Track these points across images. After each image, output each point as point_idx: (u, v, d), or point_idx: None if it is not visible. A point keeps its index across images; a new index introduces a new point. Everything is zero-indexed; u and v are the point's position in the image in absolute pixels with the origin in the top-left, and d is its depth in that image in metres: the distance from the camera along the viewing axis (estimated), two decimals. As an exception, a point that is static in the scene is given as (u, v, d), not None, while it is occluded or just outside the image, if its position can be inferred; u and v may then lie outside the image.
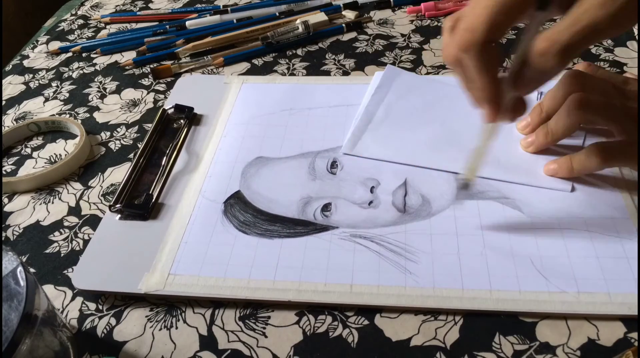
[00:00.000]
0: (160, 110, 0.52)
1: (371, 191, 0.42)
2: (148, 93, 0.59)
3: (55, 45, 0.70)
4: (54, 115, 0.57)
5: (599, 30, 0.28)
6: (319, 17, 0.67)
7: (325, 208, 0.41)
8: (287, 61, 0.61)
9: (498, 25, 0.31)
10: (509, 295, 0.34)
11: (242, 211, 0.41)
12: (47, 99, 0.60)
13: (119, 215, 0.42)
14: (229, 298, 0.36)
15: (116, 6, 0.80)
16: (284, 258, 0.37)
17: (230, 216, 0.41)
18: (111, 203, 0.43)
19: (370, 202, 0.41)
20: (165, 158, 0.47)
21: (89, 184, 0.47)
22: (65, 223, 0.44)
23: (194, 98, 0.54)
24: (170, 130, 0.51)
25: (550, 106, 0.42)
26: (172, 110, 0.52)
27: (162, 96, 0.57)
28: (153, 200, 0.43)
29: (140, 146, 0.49)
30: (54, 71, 0.65)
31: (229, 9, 0.71)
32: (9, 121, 0.57)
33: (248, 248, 0.38)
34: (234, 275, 0.37)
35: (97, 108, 0.57)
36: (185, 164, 0.47)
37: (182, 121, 0.51)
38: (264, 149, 0.47)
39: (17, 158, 0.52)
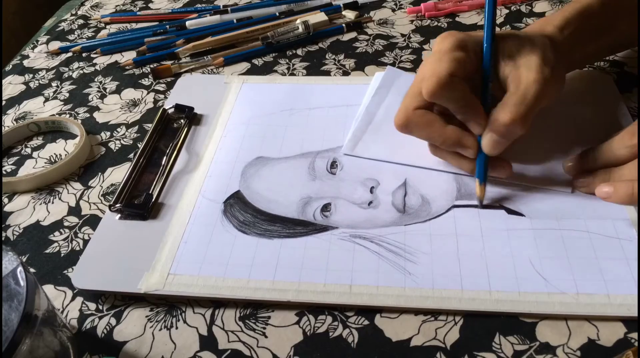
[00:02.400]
0: (161, 110, 0.52)
1: (371, 191, 0.42)
2: (148, 93, 0.59)
3: (56, 45, 0.70)
4: (54, 115, 0.57)
5: (540, 99, 0.36)
6: (319, 17, 0.67)
7: (325, 208, 0.41)
8: (287, 61, 0.61)
9: (454, 66, 0.36)
10: (508, 295, 0.34)
11: (241, 211, 0.41)
12: (47, 99, 0.60)
13: (119, 215, 0.42)
14: (229, 298, 0.36)
15: (116, 6, 0.80)
16: (283, 258, 0.37)
17: (230, 216, 0.41)
18: (111, 203, 0.43)
19: (370, 202, 0.41)
20: (165, 157, 0.47)
21: (89, 184, 0.47)
22: (65, 223, 0.44)
23: (194, 98, 0.54)
24: (171, 130, 0.51)
25: (606, 160, 0.39)
26: (172, 110, 0.52)
27: (162, 96, 0.57)
28: (153, 200, 0.43)
29: (141, 145, 0.49)
30: (54, 71, 0.65)
31: (229, 9, 0.71)
32: (9, 121, 0.57)
33: (248, 248, 0.38)
34: (234, 274, 0.37)
35: (97, 108, 0.57)
36: (185, 164, 0.47)
37: (182, 120, 0.51)
38: (264, 149, 0.47)
39: (17, 158, 0.52)
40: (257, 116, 0.51)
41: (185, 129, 0.50)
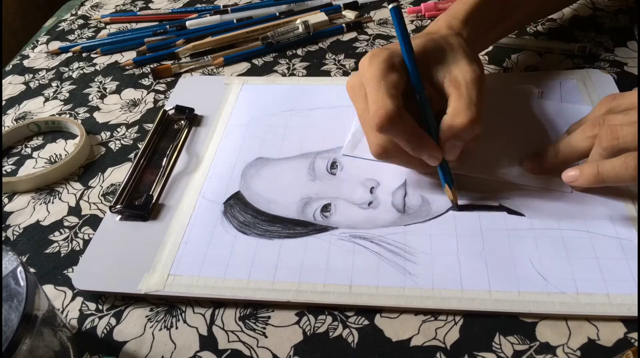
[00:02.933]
0: (161, 111, 0.52)
1: (371, 191, 0.42)
2: (148, 93, 0.59)
3: (56, 45, 0.70)
4: (54, 115, 0.57)
5: (484, 93, 0.38)
6: (319, 17, 0.67)
7: (325, 208, 0.41)
8: (287, 61, 0.61)
9: (396, 95, 0.36)
10: (508, 295, 0.34)
11: (242, 211, 0.41)
12: (47, 99, 0.60)
13: (119, 216, 0.42)
14: (229, 299, 0.36)
15: (116, 6, 0.80)
16: (283, 258, 0.37)
17: (230, 217, 0.41)
18: (111, 204, 0.43)
19: (370, 203, 0.41)
20: (165, 158, 0.47)
21: (89, 184, 0.47)
22: (65, 223, 0.44)
23: (195, 99, 0.53)
24: (171, 131, 0.51)
25: (568, 154, 0.40)
26: (173, 111, 0.52)
27: (162, 96, 0.57)
28: (153, 201, 0.43)
29: (141, 146, 0.49)
30: (54, 71, 0.65)
31: (229, 9, 0.71)
32: (9, 121, 0.57)
33: (248, 248, 0.38)
34: (234, 275, 0.37)
35: (97, 108, 0.57)
36: (185, 165, 0.47)
37: (182, 121, 0.51)
38: (264, 149, 0.47)
39: (17, 158, 0.52)
40: (257, 116, 0.51)
41: (186, 130, 0.50)
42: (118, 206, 0.42)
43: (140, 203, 0.43)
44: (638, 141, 0.36)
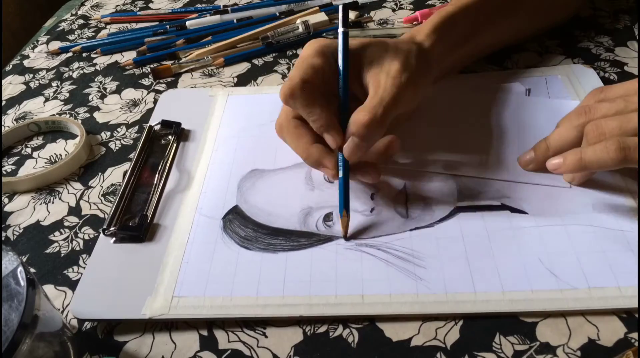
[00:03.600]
0: (147, 127, 0.51)
1: (372, 198, 0.41)
2: (148, 93, 0.59)
3: (56, 45, 0.70)
4: (54, 115, 0.57)
5: (398, 101, 0.38)
6: (319, 17, 0.67)
7: (327, 217, 0.40)
8: (287, 61, 0.61)
9: (308, 73, 0.39)
10: (521, 295, 0.33)
11: (242, 226, 0.41)
12: (47, 99, 0.60)
13: (114, 238, 0.41)
14: (239, 318, 0.35)
15: (116, 6, 0.80)
16: (290, 271, 0.37)
17: (231, 232, 0.40)
18: (104, 227, 0.41)
19: (372, 209, 0.41)
20: (157, 175, 0.45)
21: (89, 184, 0.47)
22: (66, 223, 0.44)
23: (179, 113, 0.52)
24: (159, 147, 0.49)
25: (558, 145, 0.40)
26: (159, 126, 0.51)
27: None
28: (148, 221, 0.41)
29: (130, 165, 0.47)
30: (54, 70, 0.65)
31: (229, 9, 0.71)
32: (9, 121, 0.57)
33: (252, 263, 0.37)
34: (241, 292, 0.36)
35: (97, 108, 0.57)
36: (177, 182, 0.45)
37: (170, 137, 0.49)
38: (258, 161, 0.46)
39: (17, 158, 0.52)
40: (247, 127, 0.50)
41: (174, 145, 0.49)
42: (112, 229, 0.41)
43: (134, 224, 0.41)
44: (638, 136, 0.36)
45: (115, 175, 0.48)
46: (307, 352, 0.33)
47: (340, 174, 0.39)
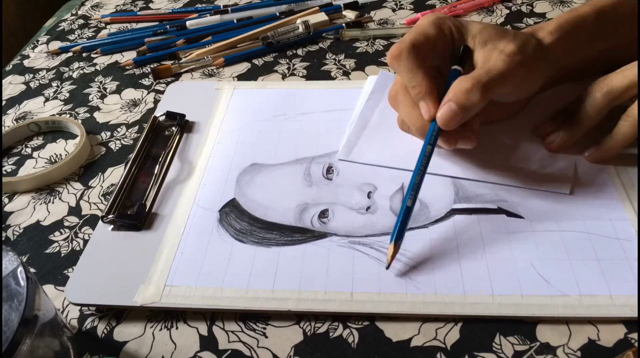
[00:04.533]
0: (152, 117, 0.51)
1: (368, 196, 0.41)
2: (148, 93, 0.59)
3: (56, 45, 0.70)
4: (54, 115, 0.57)
5: (505, 78, 0.38)
6: (319, 17, 0.67)
7: (323, 214, 0.40)
8: (287, 61, 0.61)
9: (419, 39, 0.39)
10: (511, 299, 0.33)
11: (238, 219, 0.41)
12: (47, 99, 0.60)
13: (112, 226, 0.41)
14: (227, 309, 0.35)
15: (116, 6, 0.80)
16: (282, 266, 0.37)
17: (226, 225, 0.40)
18: (104, 214, 0.42)
19: (368, 208, 0.41)
20: (157, 166, 0.46)
21: (89, 184, 0.47)
22: (66, 223, 0.44)
23: (185, 105, 0.53)
24: (162, 138, 0.50)
25: (577, 105, 0.41)
26: (163, 117, 0.51)
27: (162, 96, 0.57)
28: (147, 210, 0.42)
29: (132, 155, 0.48)
30: (54, 70, 0.65)
31: (229, 9, 0.71)
32: (9, 121, 0.57)
33: (245, 256, 0.38)
34: (232, 284, 0.36)
35: (98, 108, 0.57)
36: (178, 173, 0.46)
37: (173, 128, 0.50)
38: (258, 155, 0.46)
39: (18, 157, 0.52)
40: (250, 122, 0.50)
41: (178, 136, 0.49)
42: (110, 216, 0.41)
43: (133, 213, 0.42)
44: (638, 137, 0.36)
45: (116, 175, 0.48)
46: (307, 352, 0.33)
47: (409, 203, 0.36)
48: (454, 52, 0.41)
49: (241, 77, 0.59)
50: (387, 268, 0.36)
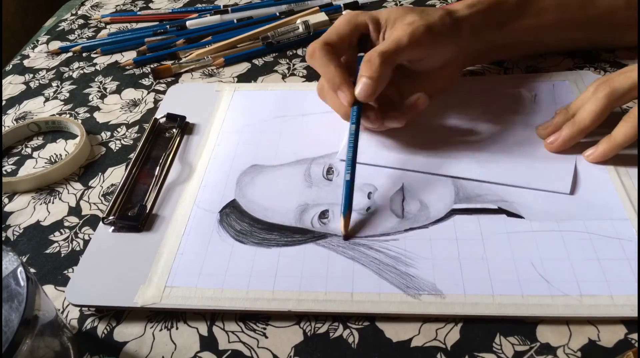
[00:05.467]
0: (152, 119, 0.51)
1: (368, 197, 0.41)
2: (148, 93, 0.59)
3: (56, 45, 0.70)
4: (54, 115, 0.57)
5: (403, 44, 0.41)
6: (320, 17, 0.67)
7: (323, 215, 0.40)
8: (287, 61, 0.61)
9: (332, 37, 0.43)
10: (511, 299, 0.33)
11: (238, 220, 0.41)
12: (47, 99, 0.60)
13: (112, 227, 0.41)
14: (228, 310, 0.35)
15: (116, 6, 0.80)
16: (282, 267, 0.37)
17: (227, 226, 0.40)
18: (104, 215, 0.42)
19: (368, 208, 0.41)
20: (158, 168, 0.46)
21: (90, 184, 0.47)
22: (66, 223, 0.44)
23: (186, 107, 0.53)
24: (163, 139, 0.50)
25: (579, 106, 0.42)
26: (164, 119, 0.51)
27: (162, 96, 0.57)
28: (147, 211, 0.42)
29: (133, 156, 0.48)
30: (54, 70, 0.65)
31: (229, 9, 0.71)
32: (9, 121, 0.57)
33: (246, 257, 0.38)
34: (232, 285, 0.36)
35: (98, 108, 0.57)
36: (178, 174, 0.46)
37: (174, 130, 0.50)
38: (259, 156, 0.46)
39: (18, 157, 0.52)
40: (250, 123, 0.50)
41: (178, 138, 0.49)
42: (111, 218, 0.41)
43: (133, 214, 0.42)
44: (638, 143, 0.36)
45: (116, 175, 0.48)
46: (307, 352, 0.33)
47: (347, 177, 0.40)
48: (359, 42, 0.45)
49: (241, 77, 0.59)
50: (345, 238, 0.38)
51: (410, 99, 0.43)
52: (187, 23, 0.70)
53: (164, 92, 0.58)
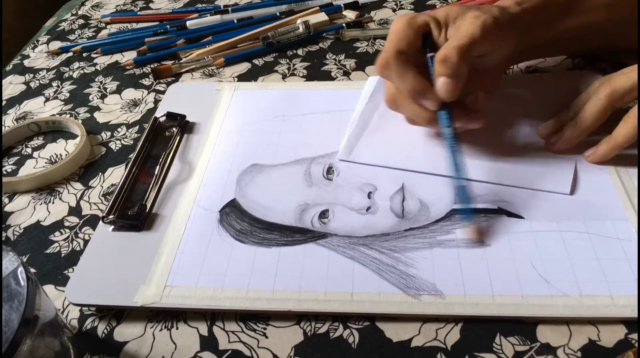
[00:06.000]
0: (152, 118, 0.51)
1: (368, 196, 0.41)
2: (149, 93, 0.59)
3: (56, 45, 0.70)
4: (54, 115, 0.57)
5: (474, 37, 0.39)
6: (320, 17, 0.67)
7: (323, 214, 0.40)
8: (287, 61, 0.61)
9: (402, 45, 0.40)
10: (511, 299, 0.33)
11: (238, 219, 0.41)
12: (47, 99, 0.60)
13: (112, 226, 0.41)
14: (228, 310, 0.35)
15: (117, 6, 0.80)
16: (282, 266, 0.37)
17: (227, 225, 0.40)
18: (104, 214, 0.42)
19: (368, 208, 0.41)
20: (158, 167, 0.46)
21: (90, 184, 0.47)
22: (66, 223, 0.44)
23: (186, 106, 0.53)
24: (162, 138, 0.50)
25: (580, 106, 0.42)
26: (164, 118, 0.51)
27: (162, 96, 0.57)
28: (147, 210, 0.42)
29: (133, 155, 0.48)
30: (55, 70, 0.65)
31: (229, 9, 0.71)
32: (9, 121, 0.57)
33: (246, 257, 0.38)
34: (232, 285, 0.36)
35: (98, 108, 0.57)
36: (178, 173, 0.46)
37: (174, 129, 0.50)
38: (259, 156, 0.46)
39: (18, 157, 0.52)
40: (250, 122, 0.50)
41: (178, 137, 0.49)
42: (111, 217, 0.41)
43: (133, 213, 0.42)
44: (638, 143, 0.36)
45: (116, 175, 0.48)
46: (307, 352, 0.33)
47: (460, 183, 0.39)
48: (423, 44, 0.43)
49: (241, 77, 0.59)
50: (478, 243, 0.37)
51: (471, 97, 0.41)
52: (188, 23, 0.70)
53: (164, 93, 0.58)
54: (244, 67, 0.61)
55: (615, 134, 0.40)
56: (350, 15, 0.69)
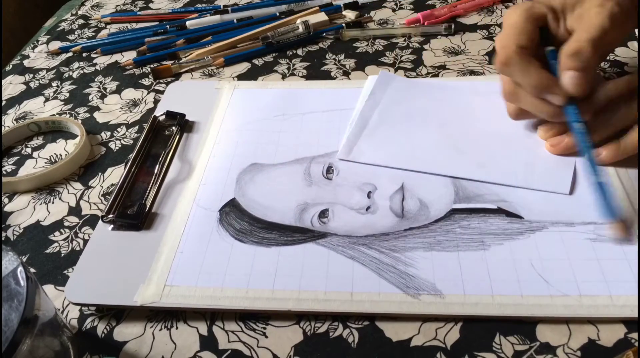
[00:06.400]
0: (152, 117, 0.51)
1: (368, 196, 0.41)
2: (148, 93, 0.59)
3: (56, 45, 0.70)
4: (54, 115, 0.57)
5: (604, 28, 0.37)
6: (320, 17, 0.67)
7: (323, 214, 0.40)
8: (287, 60, 0.61)
9: (523, 39, 0.39)
10: (510, 299, 0.33)
11: (237, 219, 0.41)
12: (47, 99, 0.60)
13: (112, 226, 0.41)
14: (227, 309, 0.35)
15: (116, 6, 0.80)
16: (282, 266, 0.37)
17: (226, 225, 0.40)
18: (104, 214, 0.42)
19: (368, 207, 0.41)
20: (158, 166, 0.46)
21: (89, 184, 0.47)
22: (66, 223, 0.44)
23: (185, 105, 0.53)
24: (162, 137, 0.49)
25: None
26: (164, 117, 0.51)
27: (162, 96, 0.57)
28: (146, 210, 0.42)
29: (132, 154, 0.47)
30: (54, 70, 0.65)
31: (229, 9, 0.71)
32: (9, 121, 0.57)
33: (245, 256, 0.38)
34: (232, 284, 0.36)
35: (98, 108, 0.57)
36: (178, 172, 0.46)
37: (173, 128, 0.50)
38: (258, 155, 0.46)
39: (18, 157, 0.52)
40: (250, 121, 0.50)
41: (177, 136, 0.49)
42: (110, 216, 0.41)
43: (133, 212, 0.42)
44: (638, 145, 0.36)
45: (116, 175, 0.48)
46: (307, 352, 0.33)
47: (599, 179, 0.37)
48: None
49: (241, 77, 0.59)
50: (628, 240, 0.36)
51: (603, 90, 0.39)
52: (187, 23, 0.70)
53: (163, 92, 0.58)
54: (243, 67, 0.61)
55: (624, 141, 0.39)
56: (350, 15, 0.69)
